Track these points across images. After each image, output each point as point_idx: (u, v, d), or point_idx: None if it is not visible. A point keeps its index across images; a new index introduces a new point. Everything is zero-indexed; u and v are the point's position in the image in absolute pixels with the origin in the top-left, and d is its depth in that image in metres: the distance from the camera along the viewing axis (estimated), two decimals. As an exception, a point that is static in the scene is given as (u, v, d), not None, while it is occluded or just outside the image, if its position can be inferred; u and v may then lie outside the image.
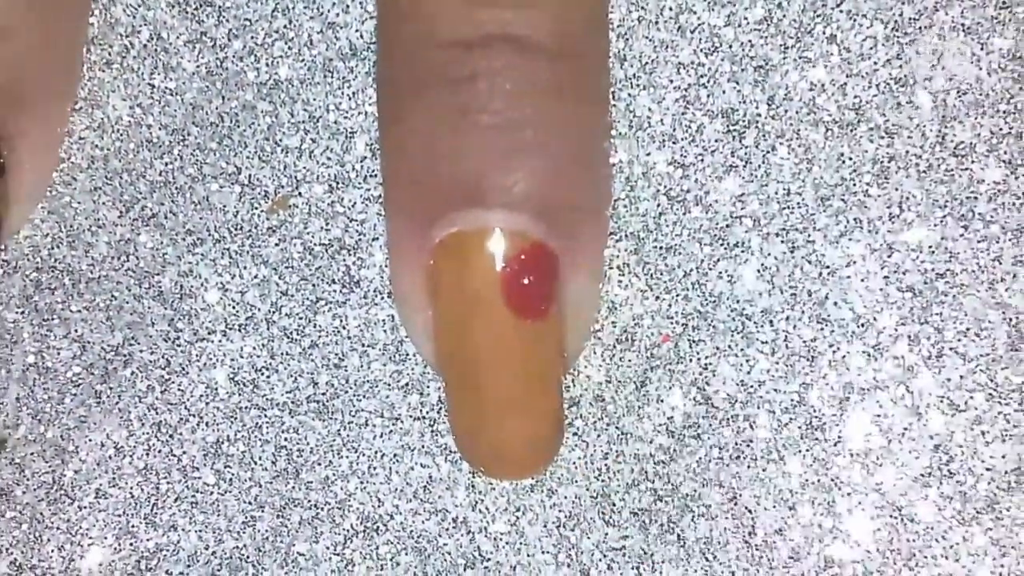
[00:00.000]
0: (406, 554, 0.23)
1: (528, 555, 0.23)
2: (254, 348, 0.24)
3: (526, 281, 0.21)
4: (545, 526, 0.23)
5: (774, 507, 0.23)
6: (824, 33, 0.22)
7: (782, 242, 0.23)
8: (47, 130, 0.23)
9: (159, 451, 0.24)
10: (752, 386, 0.23)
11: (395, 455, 0.24)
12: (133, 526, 0.24)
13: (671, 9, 0.23)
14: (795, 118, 0.23)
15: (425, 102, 0.21)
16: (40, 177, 0.24)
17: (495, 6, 0.20)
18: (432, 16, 0.21)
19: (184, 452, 0.24)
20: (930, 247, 0.22)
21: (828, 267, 0.23)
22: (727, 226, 0.23)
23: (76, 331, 0.24)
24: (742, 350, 0.23)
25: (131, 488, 0.24)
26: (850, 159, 0.23)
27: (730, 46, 0.23)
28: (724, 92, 0.23)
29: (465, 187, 0.20)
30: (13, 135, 0.22)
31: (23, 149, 0.23)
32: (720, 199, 0.23)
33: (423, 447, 0.24)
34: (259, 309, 0.24)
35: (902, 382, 0.22)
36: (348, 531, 0.24)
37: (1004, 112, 0.22)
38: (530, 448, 0.22)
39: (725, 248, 0.23)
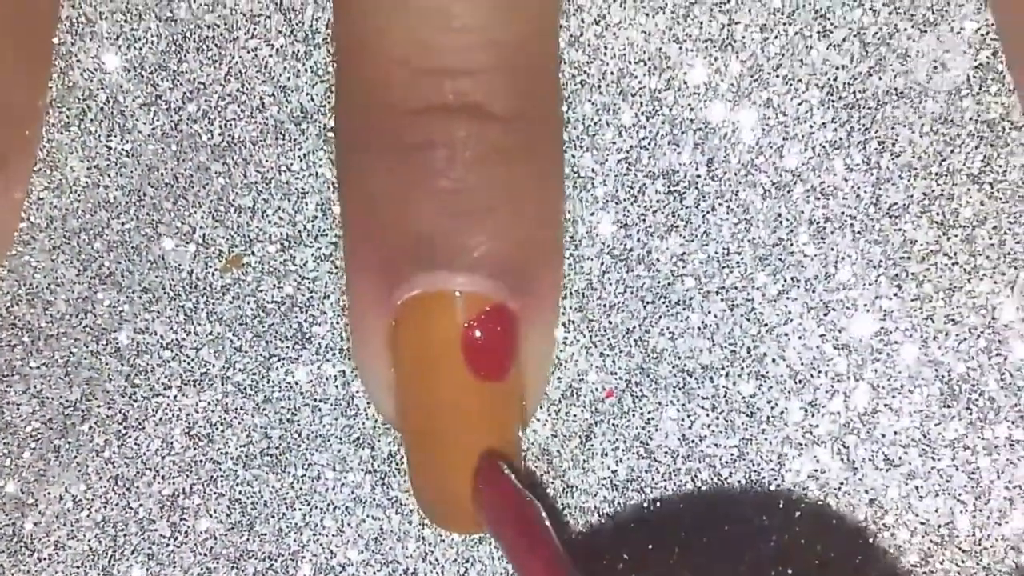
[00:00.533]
0: (358, 604, 0.24)
1: (477, 605, 0.24)
2: (209, 403, 0.24)
3: (487, 342, 0.21)
4: (493, 577, 0.24)
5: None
6: (761, 97, 0.23)
7: (722, 300, 0.23)
8: (7, 195, 0.24)
9: (116, 504, 0.24)
10: (693, 440, 0.23)
11: (347, 507, 0.24)
12: (91, 578, 0.24)
13: (613, 73, 0.23)
14: (734, 179, 0.23)
15: (385, 167, 0.21)
16: (1, 241, 0.24)
17: (454, 75, 0.21)
18: (391, 83, 0.21)
19: (141, 505, 0.24)
20: (864, 305, 0.23)
21: (766, 325, 0.23)
22: (669, 284, 0.23)
23: (35, 387, 0.25)
24: (683, 405, 0.23)
25: (89, 540, 0.24)
26: (787, 219, 0.23)
27: (670, 109, 0.23)
28: (665, 154, 0.23)
29: (426, 250, 0.21)
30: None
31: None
32: (662, 258, 0.23)
33: (374, 500, 0.24)
34: (213, 365, 0.24)
35: (838, 438, 0.23)
36: (301, 582, 0.24)
37: (936, 174, 0.23)
38: None
39: (667, 306, 0.23)
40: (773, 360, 0.23)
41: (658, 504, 0.23)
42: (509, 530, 0.20)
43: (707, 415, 0.23)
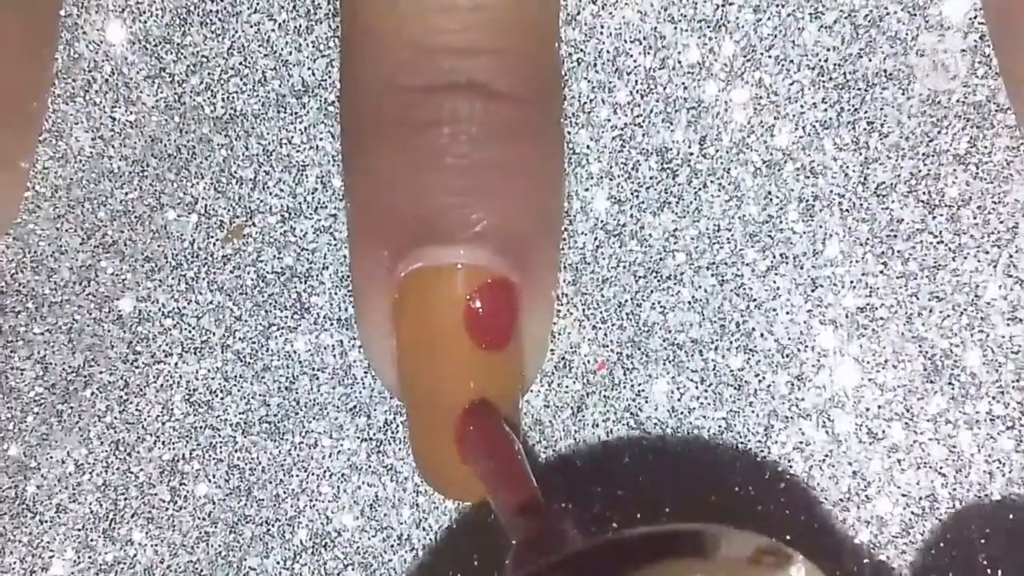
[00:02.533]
0: (353, 569, 0.25)
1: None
2: (209, 371, 0.25)
3: (488, 314, 0.22)
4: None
5: (701, 528, 0.24)
6: (754, 77, 0.24)
7: (712, 275, 0.24)
8: (14, 165, 0.24)
9: (117, 468, 0.25)
10: (682, 412, 0.24)
11: (343, 474, 0.25)
12: (92, 540, 0.25)
13: (608, 52, 0.24)
14: (725, 157, 0.24)
15: (390, 144, 0.22)
16: (7, 210, 0.25)
17: (459, 54, 0.21)
18: (397, 61, 0.22)
19: (141, 470, 0.25)
20: (851, 282, 0.23)
21: (755, 300, 0.24)
22: (660, 259, 0.24)
23: (38, 353, 0.25)
24: (673, 378, 0.24)
25: (90, 503, 0.25)
26: (777, 197, 0.24)
27: (664, 88, 0.24)
28: (659, 132, 0.24)
29: (430, 224, 0.21)
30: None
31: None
32: (654, 234, 0.24)
33: (370, 467, 0.25)
34: (214, 334, 0.25)
35: (823, 411, 0.24)
36: (298, 547, 0.25)
37: (923, 154, 0.23)
38: None
39: (658, 280, 0.24)
40: (761, 334, 0.24)
41: (647, 474, 0.24)
42: (489, 464, 0.21)
43: (696, 387, 0.24)
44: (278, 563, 0.25)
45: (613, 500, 0.24)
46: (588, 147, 0.24)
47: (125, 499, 0.25)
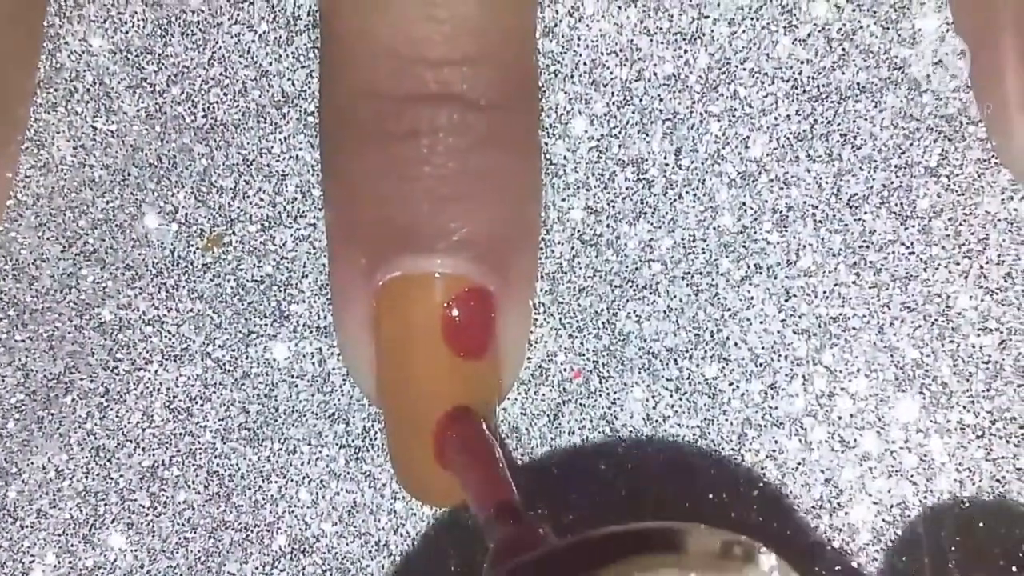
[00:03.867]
0: (331, 575, 0.25)
1: (446, 577, 0.25)
2: (188, 378, 0.25)
3: (466, 323, 0.22)
4: (463, 550, 0.25)
5: (676, 535, 0.24)
6: (728, 90, 0.24)
7: (687, 285, 0.24)
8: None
9: (97, 474, 0.25)
10: (657, 420, 0.24)
11: (321, 481, 0.25)
12: (72, 545, 0.25)
13: (585, 64, 0.24)
14: (700, 168, 0.24)
15: (369, 152, 0.22)
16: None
17: (437, 65, 0.22)
18: (375, 71, 0.22)
19: (121, 476, 0.25)
20: (824, 292, 0.24)
21: (729, 309, 0.24)
22: (636, 269, 0.24)
23: (20, 360, 0.25)
24: (648, 386, 0.24)
25: (71, 509, 0.25)
26: (751, 208, 0.24)
27: (640, 100, 0.24)
28: (635, 143, 0.24)
29: (407, 233, 0.22)
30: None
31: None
32: (630, 244, 0.24)
33: (348, 474, 0.25)
34: (194, 341, 0.25)
35: (796, 419, 0.24)
36: (276, 552, 0.25)
37: (895, 167, 0.24)
38: None
39: (634, 290, 0.24)
40: (735, 344, 0.24)
41: (623, 481, 0.24)
42: (468, 467, 0.21)
43: (671, 396, 0.24)
44: (257, 569, 0.25)
45: (589, 507, 0.24)
46: (565, 158, 0.24)
47: (105, 505, 0.25)
